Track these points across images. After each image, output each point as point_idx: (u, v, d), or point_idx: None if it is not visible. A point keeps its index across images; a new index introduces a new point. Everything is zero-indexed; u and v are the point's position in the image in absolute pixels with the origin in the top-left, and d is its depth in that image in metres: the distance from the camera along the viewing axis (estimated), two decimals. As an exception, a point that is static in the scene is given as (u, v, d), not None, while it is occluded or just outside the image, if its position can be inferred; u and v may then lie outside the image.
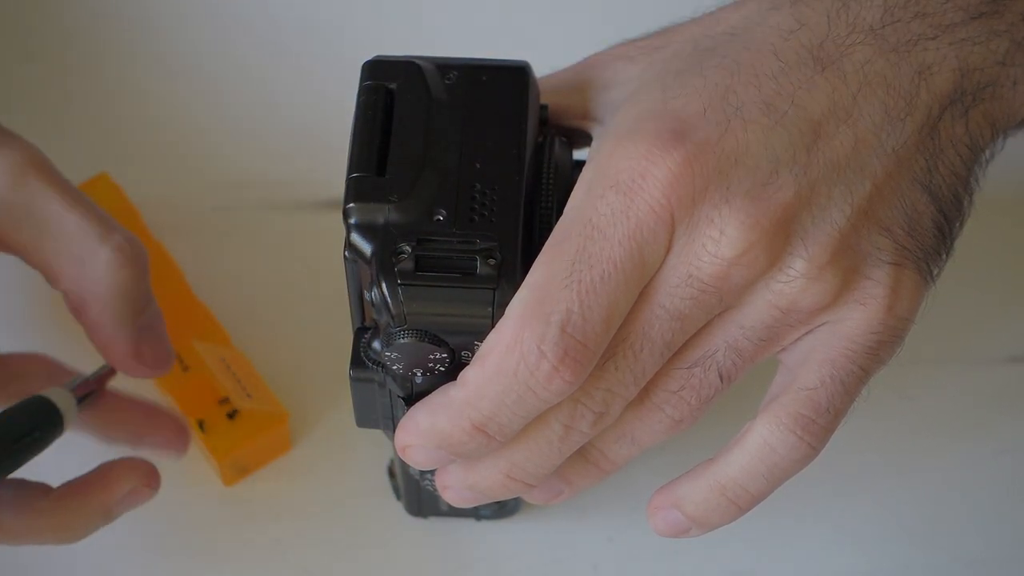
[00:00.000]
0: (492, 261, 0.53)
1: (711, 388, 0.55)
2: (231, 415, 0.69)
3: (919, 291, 0.55)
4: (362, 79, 0.56)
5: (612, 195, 0.53)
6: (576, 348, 0.52)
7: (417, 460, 0.56)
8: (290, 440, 0.70)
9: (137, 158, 0.77)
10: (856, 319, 0.54)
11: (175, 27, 0.81)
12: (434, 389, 0.55)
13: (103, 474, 0.64)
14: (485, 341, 0.53)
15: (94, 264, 0.63)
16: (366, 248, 0.54)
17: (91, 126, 0.78)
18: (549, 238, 0.53)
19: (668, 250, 0.53)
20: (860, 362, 0.54)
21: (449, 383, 0.55)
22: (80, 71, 0.79)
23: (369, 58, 0.57)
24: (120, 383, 0.67)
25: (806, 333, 0.55)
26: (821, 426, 0.54)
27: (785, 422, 0.54)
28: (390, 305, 0.53)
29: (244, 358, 0.70)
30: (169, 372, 0.66)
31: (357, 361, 0.57)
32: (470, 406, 0.53)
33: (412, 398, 0.56)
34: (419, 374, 0.55)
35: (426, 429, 0.55)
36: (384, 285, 0.53)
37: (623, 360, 0.54)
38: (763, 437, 0.54)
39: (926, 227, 0.55)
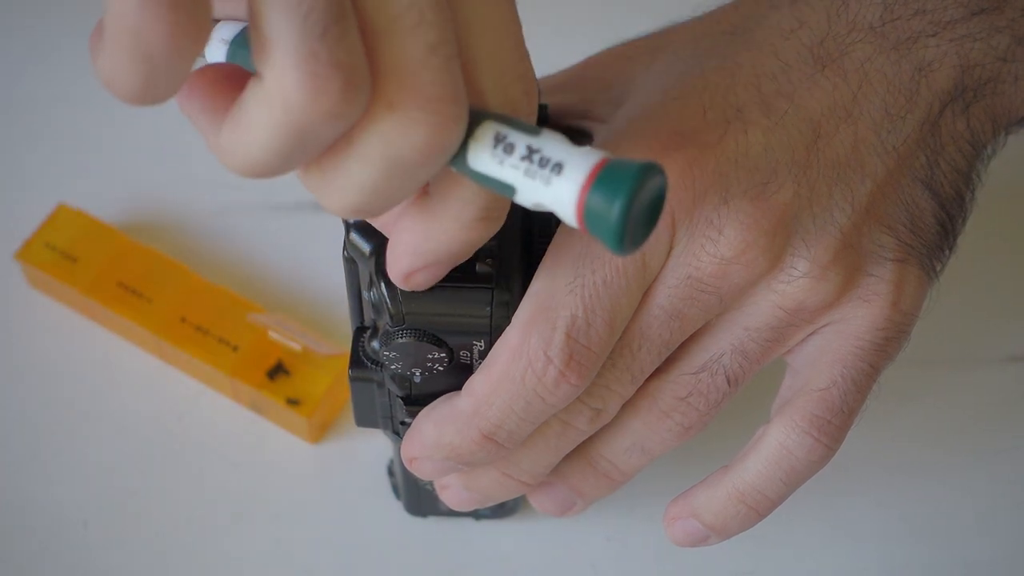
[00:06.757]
0: (490, 261, 0.53)
1: (719, 392, 0.55)
2: (290, 374, 0.70)
3: (922, 286, 0.55)
4: (361, 78, 0.56)
5: (612, 197, 0.52)
6: (582, 353, 0.52)
7: (425, 471, 0.56)
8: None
9: (137, 158, 0.77)
10: (862, 316, 0.54)
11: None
12: (433, 389, 0.55)
13: None
14: (492, 349, 0.53)
15: None
16: (365, 247, 0.53)
17: (91, 126, 0.78)
18: (552, 242, 0.53)
19: (669, 252, 0.53)
20: (869, 359, 0.54)
21: (453, 393, 0.55)
22: (80, 69, 0.79)
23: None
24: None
25: (811, 334, 0.55)
26: (836, 426, 0.54)
27: (801, 424, 0.54)
28: (388, 305, 0.53)
29: (278, 316, 0.71)
30: None
31: (356, 361, 0.57)
32: (478, 415, 0.53)
33: (411, 398, 0.56)
34: (418, 374, 0.55)
35: (434, 441, 0.55)
36: (383, 285, 0.53)
37: (621, 358, 0.54)
38: (779, 441, 0.54)
39: (928, 223, 0.55)
